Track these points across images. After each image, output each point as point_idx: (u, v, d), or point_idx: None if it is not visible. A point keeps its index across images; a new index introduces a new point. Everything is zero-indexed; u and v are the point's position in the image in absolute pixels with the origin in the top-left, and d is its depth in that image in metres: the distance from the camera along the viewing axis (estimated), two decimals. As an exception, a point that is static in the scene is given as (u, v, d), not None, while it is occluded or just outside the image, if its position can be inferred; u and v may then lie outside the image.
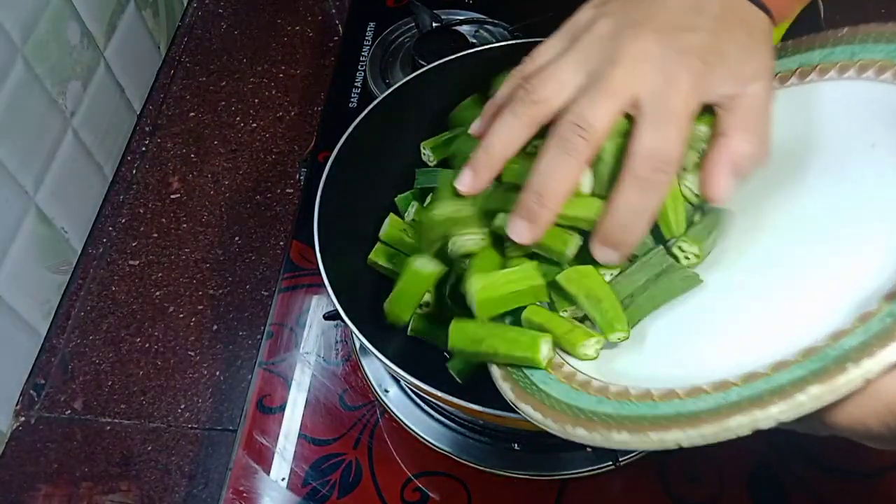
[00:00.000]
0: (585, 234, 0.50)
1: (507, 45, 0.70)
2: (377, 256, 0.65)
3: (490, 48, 0.70)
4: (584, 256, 0.51)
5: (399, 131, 0.70)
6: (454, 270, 0.57)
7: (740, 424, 0.41)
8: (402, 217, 0.67)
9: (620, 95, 0.45)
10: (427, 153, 0.71)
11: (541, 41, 0.69)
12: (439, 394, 0.53)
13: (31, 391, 0.77)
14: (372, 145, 0.68)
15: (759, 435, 0.39)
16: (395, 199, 0.70)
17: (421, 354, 0.61)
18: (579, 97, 0.46)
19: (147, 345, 0.80)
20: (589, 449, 0.63)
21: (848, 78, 0.56)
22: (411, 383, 0.54)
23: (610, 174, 0.48)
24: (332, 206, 0.62)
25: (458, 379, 0.57)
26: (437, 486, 0.63)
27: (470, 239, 0.53)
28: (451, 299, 0.58)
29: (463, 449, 0.64)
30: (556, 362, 0.49)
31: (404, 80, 0.69)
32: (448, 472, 0.64)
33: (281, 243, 0.86)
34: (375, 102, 0.67)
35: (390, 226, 0.65)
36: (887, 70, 0.54)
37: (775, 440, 0.63)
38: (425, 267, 0.57)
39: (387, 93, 0.68)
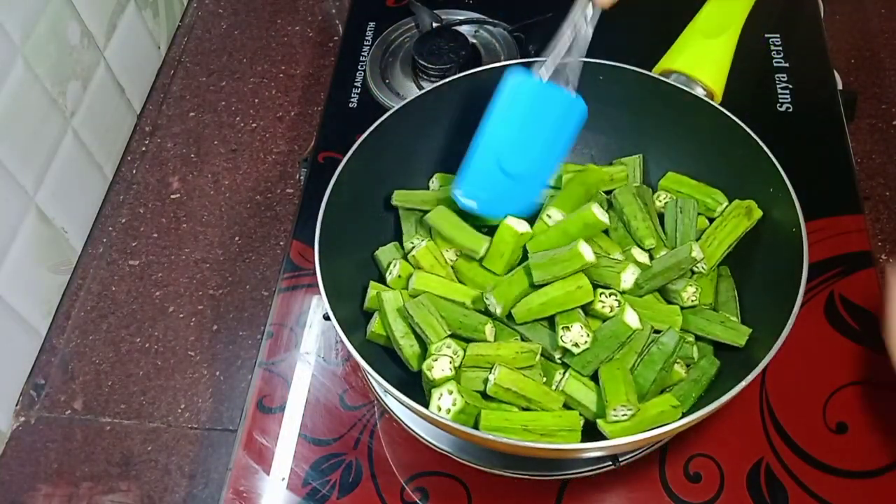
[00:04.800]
0: None
1: (525, 61, 0.69)
2: (379, 330, 0.63)
3: (506, 65, 0.68)
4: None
5: (407, 146, 0.70)
6: None
7: None
8: (383, 273, 0.67)
9: None
10: (434, 182, 0.72)
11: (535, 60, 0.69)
12: (436, 417, 0.53)
13: (31, 391, 0.77)
14: (378, 159, 0.68)
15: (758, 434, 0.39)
16: (375, 253, 0.68)
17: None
18: None
19: (147, 345, 0.80)
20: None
21: None
22: (411, 407, 0.54)
23: None
24: (334, 221, 0.62)
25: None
26: (437, 486, 0.63)
27: None
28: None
29: (463, 449, 0.64)
30: None
31: (418, 95, 0.69)
32: (448, 472, 0.64)
33: (281, 243, 0.86)
34: (388, 115, 0.67)
35: (372, 296, 0.64)
36: None
37: (775, 440, 0.63)
38: None
39: (399, 105, 0.68)
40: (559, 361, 0.61)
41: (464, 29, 0.92)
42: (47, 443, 0.74)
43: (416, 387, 0.60)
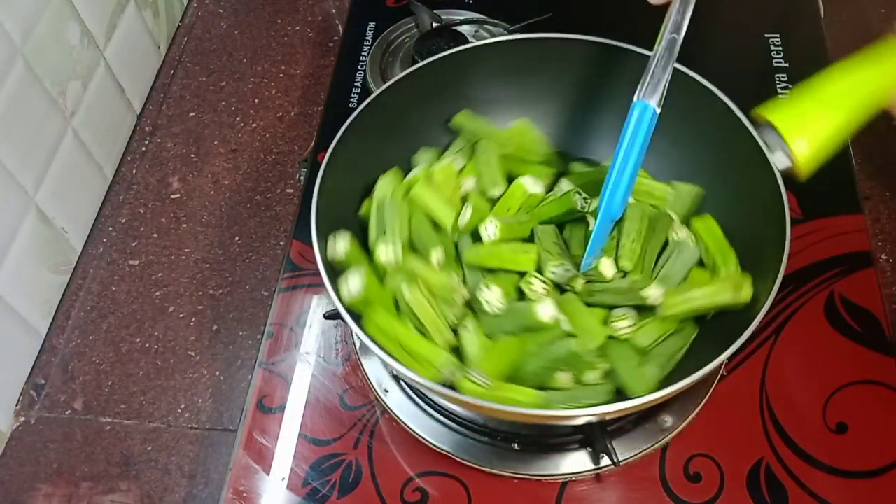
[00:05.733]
0: None
1: (502, 41, 0.70)
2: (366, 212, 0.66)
3: (484, 44, 0.69)
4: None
5: (395, 127, 0.69)
6: None
7: None
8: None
9: None
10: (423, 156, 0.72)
11: (536, 37, 0.69)
12: (441, 389, 0.53)
13: (31, 391, 0.77)
14: (367, 140, 0.67)
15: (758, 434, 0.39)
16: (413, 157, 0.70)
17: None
18: None
19: (147, 345, 0.80)
20: (589, 448, 0.63)
21: None
22: (413, 381, 0.54)
23: None
24: (330, 199, 0.61)
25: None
26: (437, 486, 0.63)
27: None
28: None
29: (463, 449, 0.64)
30: None
31: (400, 76, 0.68)
32: (448, 472, 0.64)
33: (281, 243, 0.86)
34: (371, 98, 0.66)
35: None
36: None
37: (775, 440, 0.63)
38: None
39: (383, 88, 0.67)
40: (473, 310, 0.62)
41: (464, 29, 0.92)
42: (47, 443, 0.74)
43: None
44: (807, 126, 0.58)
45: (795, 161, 0.58)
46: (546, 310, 0.58)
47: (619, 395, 0.57)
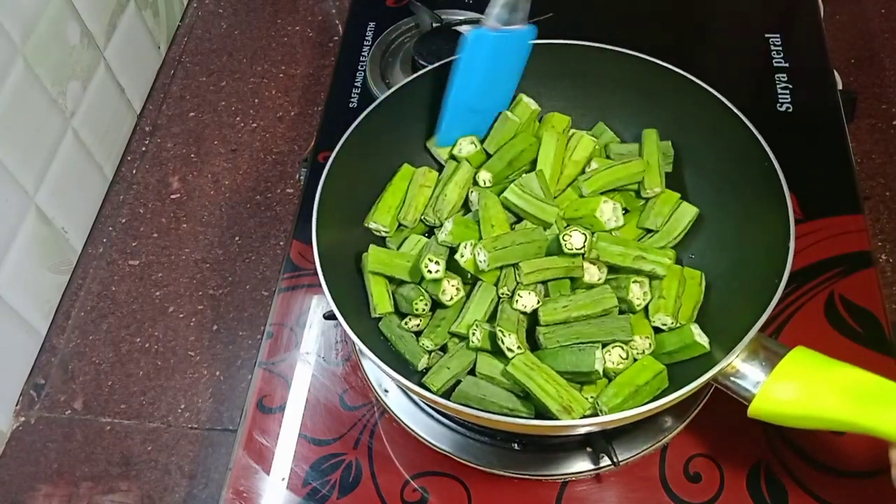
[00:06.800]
0: None
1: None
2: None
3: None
4: None
5: (399, 132, 0.70)
6: None
7: None
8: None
9: None
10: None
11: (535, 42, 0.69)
12: (433, 397, 0.53)
13: (31, 391, 0.78)
14: (371, 146, 0.68)
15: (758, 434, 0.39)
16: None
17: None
18: None
19: (147, 345, 0.80)
20: (589, 448, 0.63)
21: None
22: (405, 385, 0.54)
23: None
24: (331, 206, 0.62)
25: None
26: (437, 486, 0.63)
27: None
28: None
29: (463, 449, 0.64)
30: None
31: (403, 83, 0.69)
32: (448, 472, 0.64)
33: (281, 243, 0.86)
34: (376, 103, 0.67)
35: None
36: None
37: (775, 440, 0.63)
38: None
39: (387, 93, 0.68)
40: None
41: (464, 29, 0.92)
42: (47, 443, 0.74)
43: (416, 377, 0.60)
44: (805, 383, 0.51)
45: (758, 395, 0.51)
46: (434, 267, 0.60)
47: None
